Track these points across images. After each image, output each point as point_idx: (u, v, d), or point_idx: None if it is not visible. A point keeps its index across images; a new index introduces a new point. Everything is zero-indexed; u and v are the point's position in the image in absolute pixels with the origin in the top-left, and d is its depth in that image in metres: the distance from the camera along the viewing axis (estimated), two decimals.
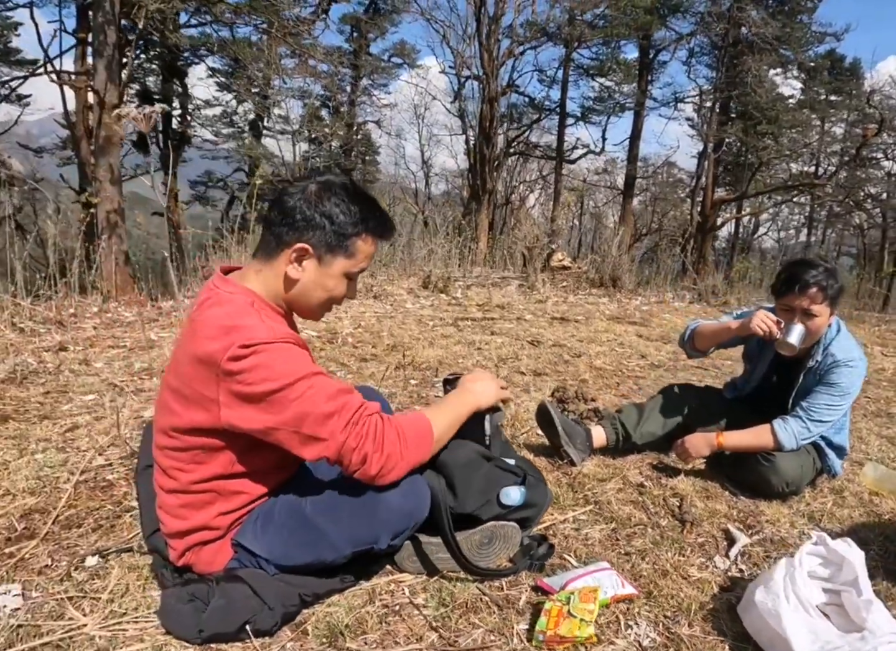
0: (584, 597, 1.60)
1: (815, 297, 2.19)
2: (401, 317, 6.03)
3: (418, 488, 1.58)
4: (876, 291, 10.34)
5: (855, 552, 1.60)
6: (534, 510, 1.93)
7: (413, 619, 1.58)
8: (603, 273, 8.91)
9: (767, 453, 2.30)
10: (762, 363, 2.55)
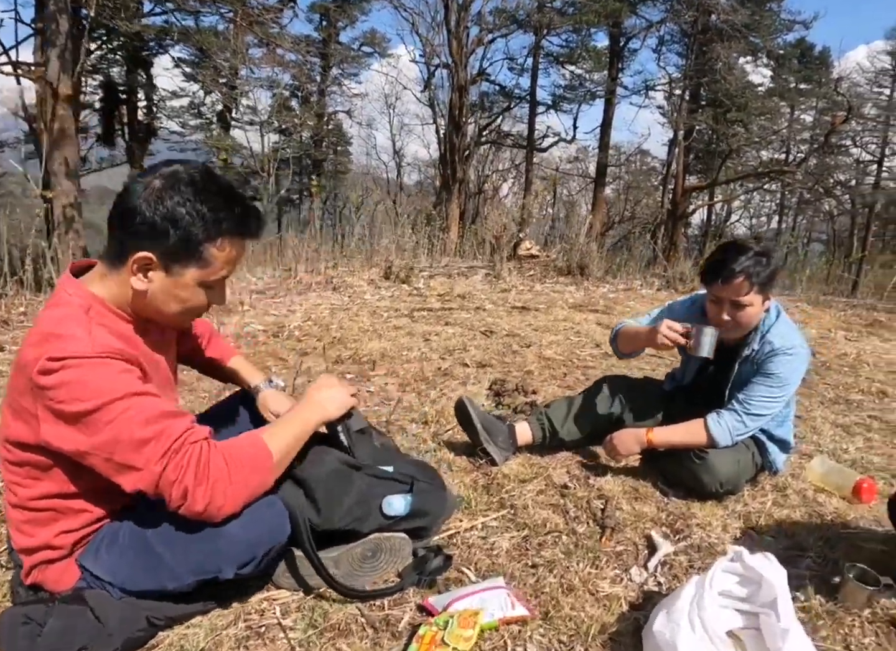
0: (464, 622, 1.39)
1: (741, 287, 2.00)
2: (356, 308, 5.81)
3: (262, 515, 1.36)
4: (845, 277, 10.24)
5: (775, 570, 1.38)
6: (427, 519, 1.72)
7: (276, 643, 1.41)
8: (571, 261, 8.72)
9: (700, 450, 2.10)
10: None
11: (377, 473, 1.65)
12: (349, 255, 8.42)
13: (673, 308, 2.37)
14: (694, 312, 2.27)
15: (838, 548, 1.87)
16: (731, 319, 2.07)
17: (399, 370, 3.65)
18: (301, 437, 1.46)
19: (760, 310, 2.08)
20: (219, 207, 1.28)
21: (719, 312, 2.08)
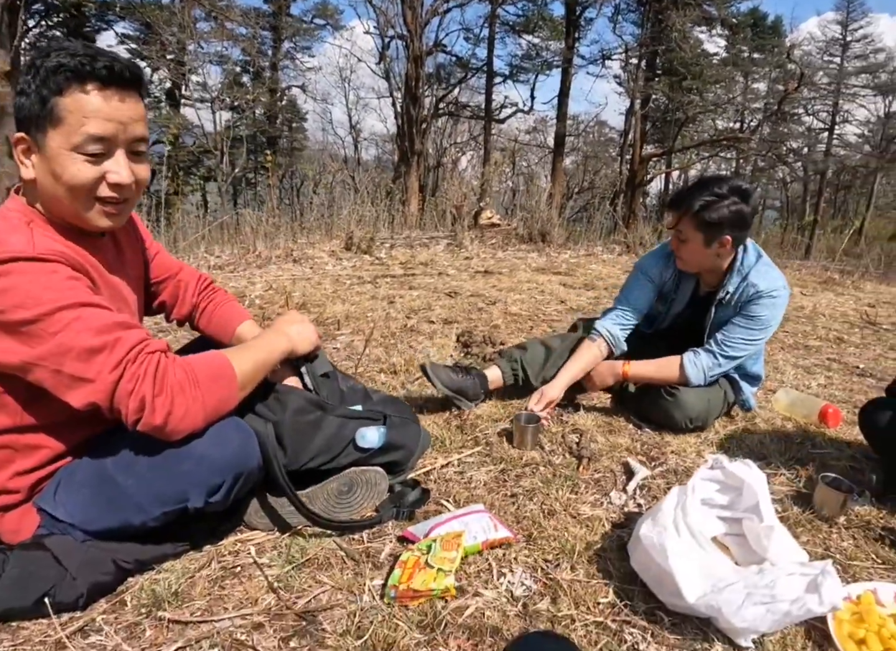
0: (447, 544, 1.36)
1: (684, 222, 1.98)
2: (318, 278, 5.69)
3: (229, 435, 1.28)
4: (799, 240, 10.49)
5: (755, 474, 1.39)
6: (402, 452, 1.68)
7: (253, 580, 1.36)
8: (532, 228, 8.71)
9: (671, 387, 2.10)
10: (678, 301, 2.31)
11: (346, 413, 1.59)
12: (309, 228, 8.26)
13: (648, 271, 2.27)
14: (671, 264, 2.22)
15: (809, 466, 1.90)
16: (676, 249, 2.07)
17: (364, 329, 3.58)
18: (266, 362, 1.40)
19: (705, 252, 2.03)
20: (60, 57, 1.14)
21: (672, 240, 2.08)
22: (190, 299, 1.71)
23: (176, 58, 16.94)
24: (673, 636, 1.20)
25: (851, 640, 1.18)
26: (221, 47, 18.97)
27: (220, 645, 1.17)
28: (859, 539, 1.57)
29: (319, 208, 8.74)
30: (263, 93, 20.69)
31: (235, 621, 1.23)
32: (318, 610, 1.26)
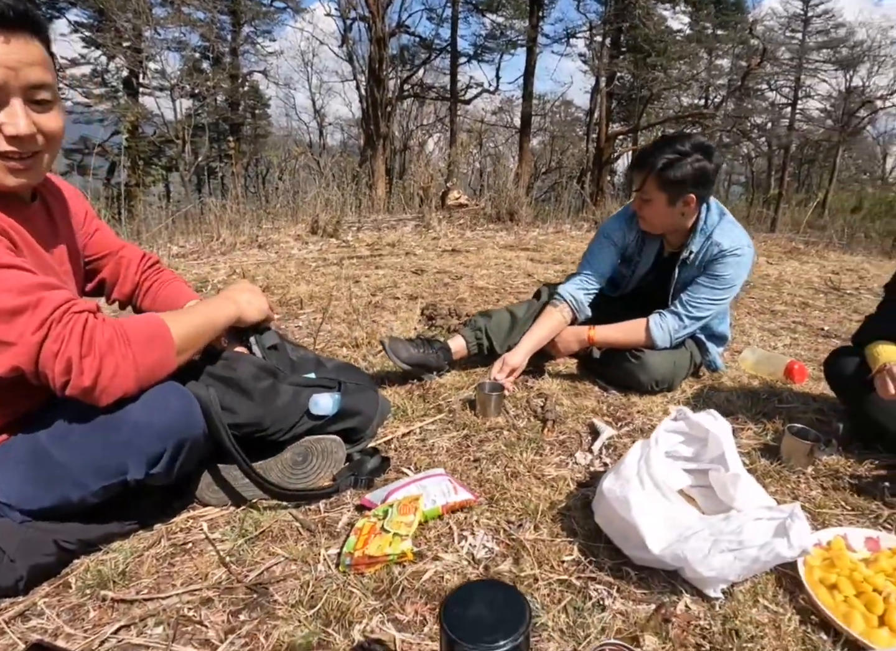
0: (404, 508, 1.30)
1: (646, 181, 1.94)
2: (283, 262, 5.57)
3: (167, 400, 1.20)
4: (764, 213, 10.60)
5: (720, 424, 1.35)
6: (359, 419, 1.61)
7: (204, 556, 1.29)
8: (500, 208, 8.66)
9: (637, 350, 2.06)
10: (643, 264, 2.26)
11: (299, 381, 1.51)
12: (274, 213, 8.10)
13: (611, 235, 2.22)
14: (634, 226, 2.18)
15: (776, 419, 1.87)
16: (640, 210, 2.03)
17: (328, 307, 3.51)
18: (207, 328, 1.31)
19: (667, 212, 1.99)
20: None
21: (635, 200, 2.03)
22: (132, 277, 1.60)
23: (132, 45, 16.40)
24: (640, 590, 1.16)
25: (823, 585, 1.15)
26: (179, 33, 18.44)
27: (165, 622, 1.10)
28: (828, 488, 1.55)
29: (285, 194, 8.57)
30: (224, 79, 20.20)
31: (183, 597, 1.16)
32: (271, 582, 1.20)
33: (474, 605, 0.63)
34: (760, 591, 1.16)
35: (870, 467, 1.64)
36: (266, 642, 1.06)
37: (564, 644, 1.04)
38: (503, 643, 0.57)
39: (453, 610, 0.62)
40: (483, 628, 0.59)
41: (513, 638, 0.58)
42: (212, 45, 19.88)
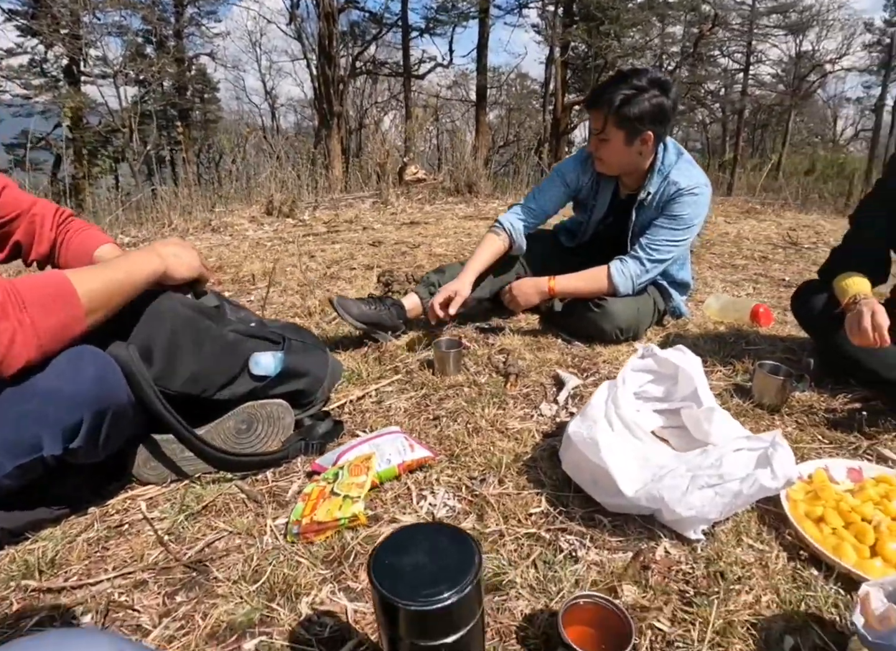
0: (355, 469, 1.19)
1: (603, 119, 1.85)
2: (237, 243, 5.37)
3: (81, 364, 1.06)
4: (721, 178, 10.65)
5: (690, 359, 1.26)
6: (307, 380, 1.48)
7: (140, 536, 1.17)
8: (458, 181, 8.53)
9: (599, 298, 1.98)
10: (599, 208, 2.18)
11: (241, 329, 1.38)
12: (227, 197, 7.83)
13: (565, 174, 2.15)
14: (589, 168, 2.11)
15: (745, 360, 1.80)
16: (595, 150, 1.94)
17: (281, 281, 3.36)
18: (125, 284, 1.15)
19: (625, 150, 1.90)
20: None
21: (591, 142, 1.94)
22: (48, 234, 1.43)
23: (70, 31, 15.70)
24: (615, 539, 1.07)
25: (809, 519, 1.07)
26: (119, 17, 17.75)
27: (94, 610, 0.99)
28: (803, 423, 1.48)
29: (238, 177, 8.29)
30: (170, 63, 19.51)
31: (116, 582, 1.05)
32: (211, 559, 1.09)
33: (411, 553, 0.52)
34: (744, 530, 1.08)
35: (844, 401, 1.58)
36: (203, 623, 0.95)
37: (535, 601, 0.94)
38: (447, 595, 0.46)
39: (384, 560, 0.50)
40: (422, 579, 0.47)
41: (458, 589, 0.46)
42: (154, 28, 19.19)
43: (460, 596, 0.47)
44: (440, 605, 0.46)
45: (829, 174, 15.45)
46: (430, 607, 0.46)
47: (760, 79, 19.90)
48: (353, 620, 0.93)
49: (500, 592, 0.95)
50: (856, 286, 1.52)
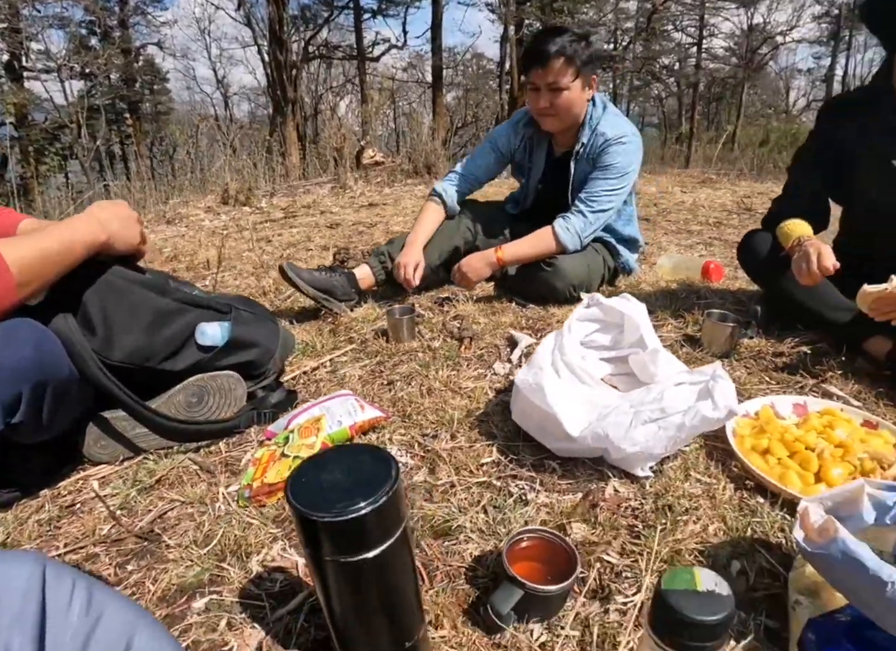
0: (305, 431, 1.18)
1: (560, 69, 1.88)
2: (193, 233, 5.26)
3: (14, 335, 1.01)
4: (678, 150, 10.77)
5: (634, 306, 1.27)
6: (257, 351, 1.45)
7: (93, 513, 1.15)
8: (417, 162, 8.47)
9: (549, 258, 1.99)
10: (535, 168, 2.23)
11: (184, 298, 1.34)
12: (181, 188, 7.66)
13: (497, 141, 2.22)
14: (520, 131, 2.18)
15: (695, 312, 1.82)
16: (549, 106, 1.95)
17: (237, 265, 3.31)
18: (60, 253, 1.10)
19: (581, 97, 1.96)
20: None
21: (538, 99, 1.95)
22: None
23: (9, 25, 15.15)
24: (564, 481, 1.08)
25: (755, 451, 1.09)
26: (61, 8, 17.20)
27: None
28: (752, 368, 1.51)
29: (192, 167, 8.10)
30: (116, 55, 18.94)
31: (67, 557, 1.03)
32: (164, 528, 1.07)
33: (329, 471, 0.51)
34: (692, 465, 1.09)
35: (791, 345, 1.61)
36: (154, 587, 0.94)
37: (484, 543, 0.94)
38: (362, 505, 0.45)
39: (302, 479, 0.50)
40: (338, 493, 0.47)
41: (373, 500, 0.46)
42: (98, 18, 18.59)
43: (375, 506, 0.46)
44: (355, 515, 0.45)
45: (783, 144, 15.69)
46: (345, 518, 0.45)
47: (714, 52, 20.10)
48: (304, 574, 0.92)
49: (449, 537, 0.95)
50: (799, 229, 1.55)
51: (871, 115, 1.53)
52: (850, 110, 1.60)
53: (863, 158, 1.55)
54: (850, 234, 1.75)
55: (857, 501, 0.79)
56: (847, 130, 1.57)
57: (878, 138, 1.51)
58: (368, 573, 0.49)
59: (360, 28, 15.51)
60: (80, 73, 18.97)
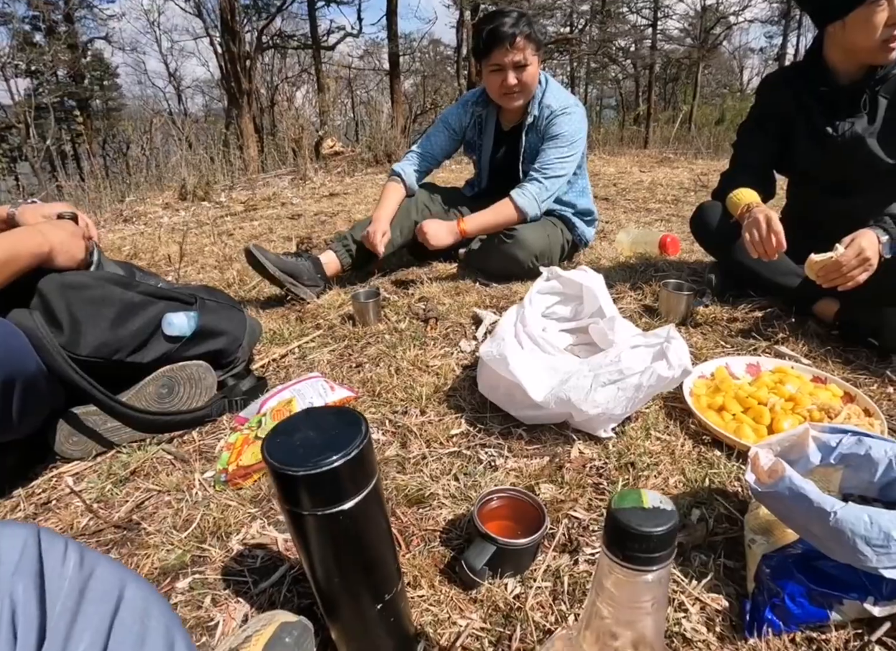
0: (277, 414, 1.20)
1: (525, 47, 1.97)
2: (152, 230, 5.16)
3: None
4: (636, 131, 10.90)
5: (592, 277, 1.32)
6: (225, 339, 1.46)
7: (69, 508, 1.14)
8: (377, 151, 8.42)
9: (509, 229, 2.04)
10: (486, 143, 2.30)
11: (150, 291, 1.34)
12: (136, 185, 7.50)
13: (448, 119, 2.30)
14: (469, 109, 2.26)
15: (653, 284, 1.88)
16: (517, 82, 2.00)
17: (199, 260, 3.27)
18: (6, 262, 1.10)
19: (538, 72, 2.06)
20: None
21: (504, 79, 2.00)
22: None
23: None
24: (531, 447, 1.12)
25: (711, 409, 1.15)
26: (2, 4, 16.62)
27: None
28: (708, 333, 1.57)
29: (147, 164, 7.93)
30: (62, 50, 18.37)
31: None
32: (142, 517, 1.08)
33: (301, 430, 0.54)
34: (651, 424, 1.14)
35: (745, 310, 1.68)
36: (137, 572, 0.94)
37: (457, 508, 0.98)
38: (335, 458, 0.48)
39: (277, 439, 0.52)
40: (312, 449, 0.50)
41: (344, 453, 0.49)
42: (42, 13, 18.02)
43: (347, 458, 0.49)
44: (328, 467, 0.48)
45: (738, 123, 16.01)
46: (319, 470, 0.48)
47: (668, 33, 20.29)
48: (284, 549, 0.95)
49: (423, 505, 0.99)
50: (746, 197, 1.61)
51: (803, 87, 1.60)
52: (784, 83, 1.67)
53: (798, 127, 1.63)
54: (795, 201, 1.82)
55: (803, 444, 0.85)
56: (784, 103, 1.65)
57: (809, 107, 1.59)
58: (345, 524, 0.52)
59: (315, 16, 15.28)
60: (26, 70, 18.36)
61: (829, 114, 1.55)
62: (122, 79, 22.23)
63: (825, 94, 1.55)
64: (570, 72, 19.68)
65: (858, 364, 1.41)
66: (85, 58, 20.59)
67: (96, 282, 1.26)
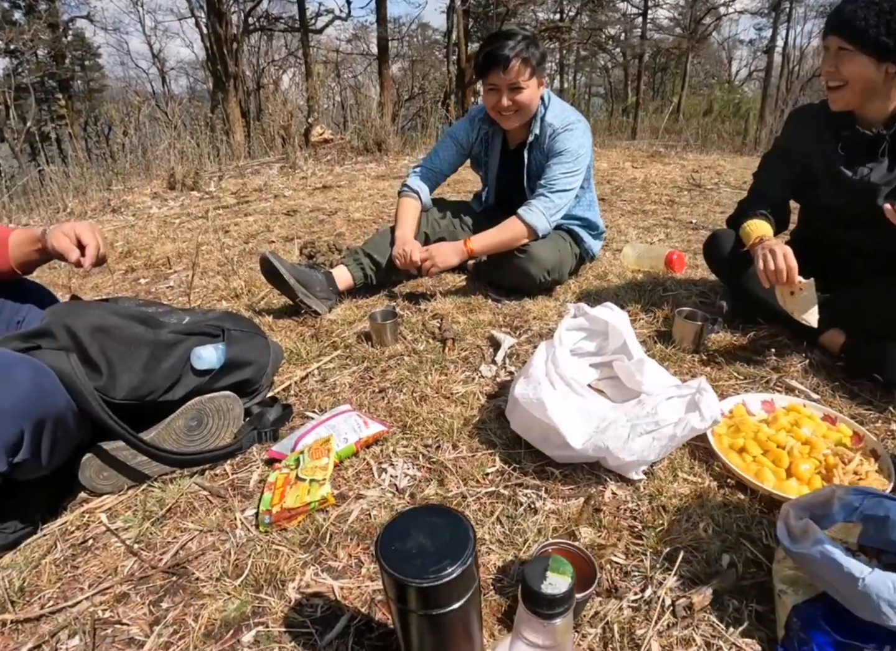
0: (316, 453, 1.22)
1: (521, 71, 2.00)
2: (143, 223, 5.11)
3: (12, 373, 1.03)
4: (625, 122, 10.92)
5: (618, 315, 1.36)
6: (252, 369, 1.48)
7: (109, 549, 1.14)
8: (367, 139, 8.37)
9: (522, 245, 2.08)
10: (493, 160, 2.34)
11: (179, 328, 1.36)
12: (122, 172, 7.38)
13: (456, 134, 2.32)
14: (476, 125, 2.28)
15: (664, 307, 1.93)
16: (511, 103, 2.04)
17: (199, 262, 3.25)
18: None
19: (536, 93, 2.08)
20: None
21: (499, 100, 2.04)
22: None
23: None
24: (567, 487, 1.17)
25: (733, 450, 1.20)
26: None
27: (80, 631, 0.96)
28: (720, 362, 1.62)
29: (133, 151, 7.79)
30: (42, 29, 17.83)
31: (95, 599, 1.02)
32: (188, 560, 1.09)
33: (411, 536, 0.57)
34: (678, 466, 1.19)
35: (754, 338, 1.73)
36: (196, 624, 0.95)
37: (505, 553, 1.02)
38: (452, 569, 0.52)
39: (390, 546, 0.55)
40: (428, 558, 0.53)
41: (461, 561, 0.52)
42: None
43: (463, 567, 0.53)
44: (447, 579, 0.51)
45: (725, 114, 16.05)
46: (439, 582, 0.51)
47: (659, 23, 20.30)
48: (342, 597, 0.97)
49: None
50: (759, 229, 1.65)
51: (825, 125, 1.64)
52: (810, 120, 1.70)
53: (820, 165, 1.66)
54: (805, 227, 1.87)
55: (829, 503, 0.91)
56: (807, 139, 1.68)
57: (828, 146, 1.63)
58: (451, 619, 0.55)
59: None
60: (5, 50, 17.86)
61: (849, 157, 1.59)
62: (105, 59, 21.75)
63: (848, 138, 1.59)
64: (559, 59, 19.60)
65: (863, 398, 1.48)
66: (66, 37, 20.07)
67: (125, 322, 1.28)
